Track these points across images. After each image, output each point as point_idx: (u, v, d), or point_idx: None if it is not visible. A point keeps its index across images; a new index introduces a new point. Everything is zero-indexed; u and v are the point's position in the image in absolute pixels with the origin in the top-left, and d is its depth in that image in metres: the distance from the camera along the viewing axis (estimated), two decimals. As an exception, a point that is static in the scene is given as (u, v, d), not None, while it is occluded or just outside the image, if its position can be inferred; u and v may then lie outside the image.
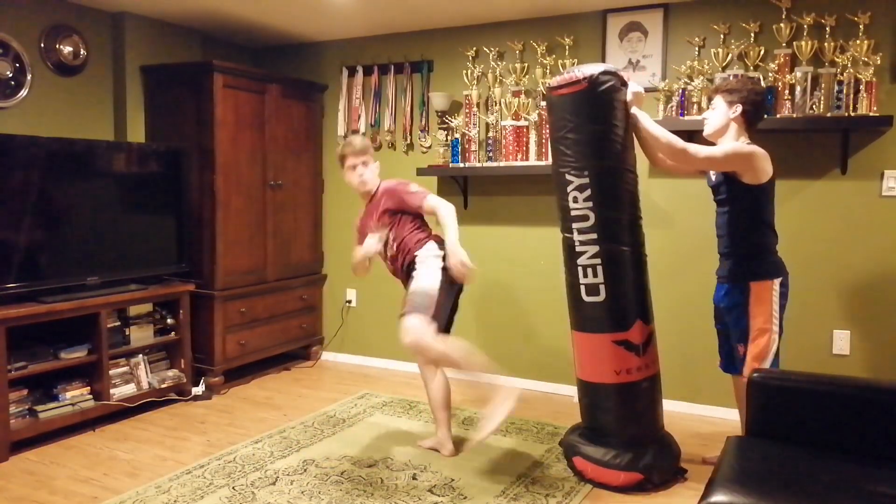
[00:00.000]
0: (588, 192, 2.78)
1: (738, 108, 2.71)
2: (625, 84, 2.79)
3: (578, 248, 2.84)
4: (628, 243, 2.83)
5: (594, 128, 2.76)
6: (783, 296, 2.70)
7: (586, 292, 2.84)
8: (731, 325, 2.76)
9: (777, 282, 2.68)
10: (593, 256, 2.81)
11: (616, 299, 2.82)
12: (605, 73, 2.73)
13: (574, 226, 2.84)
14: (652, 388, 2.90)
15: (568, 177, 2.82)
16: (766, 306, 2.66)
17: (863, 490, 1.87)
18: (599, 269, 2.81)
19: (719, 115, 2.76)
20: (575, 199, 2.81)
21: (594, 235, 2.80)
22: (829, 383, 2.29)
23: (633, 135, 2.86)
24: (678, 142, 2.69)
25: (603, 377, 2.85)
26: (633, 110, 2.79)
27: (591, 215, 2.79)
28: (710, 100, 2.89)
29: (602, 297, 2.81)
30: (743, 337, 2.71)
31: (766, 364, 2.67)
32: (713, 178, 2.82)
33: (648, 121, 2.77)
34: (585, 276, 2.83)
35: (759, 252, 2.72)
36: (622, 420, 2.87)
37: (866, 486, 1.89)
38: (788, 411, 2.25)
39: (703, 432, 3.49)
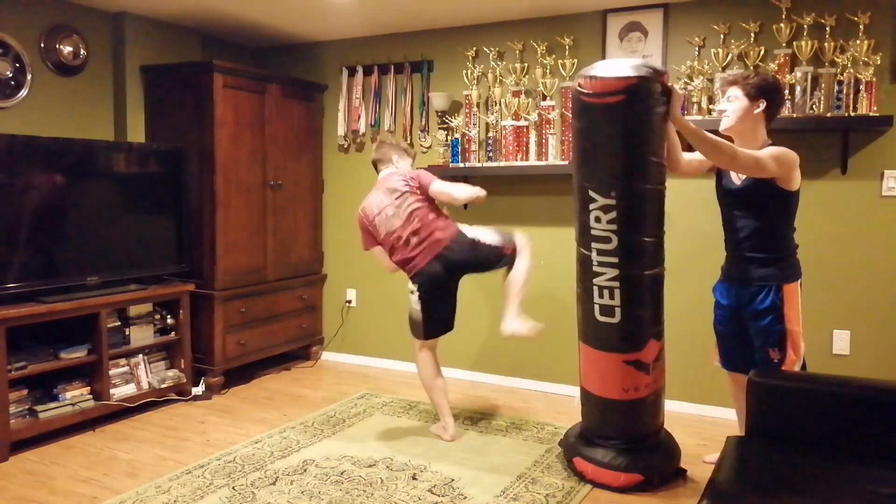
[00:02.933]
0: (613, 215, 2.60)
1: (762, 104, 2.57)
2: (666, 89, 2.54)
3: (596, 268, 2.69)
4: (650, 267, 2.69)
5: (629, 145, 2.54)
6: (801, 295, 2.67)
7: (600, 312, 2.72)
8: (762, 328, 2.63)
9: (799, 283, 2.65)
10: (612, 279, 2.65)
11: (631, 322, 2.70)
12: (646, 81, 2.46)
13: (594, 245, 2.68)
14: (657, 399, 2.86)
15: (591, 193, 2.63)
16: (795, 308, 2.62)
17: (863, 490, 1.87)
18: (617, 292, 2.65)
19: (741, 108, 2.58)
20: (597, 220, 2.63)
21: (615, 259, 2.64)
22: (829, 383, 2.29)
23: (668, 135, 2.71)
24: (727, 145, 2.50)
25: (610, 393, 2.79)
26: (677, 113, 2.60)
27: (614, 238, 2.62)
28: (724, 90, 2.69)
29: (617, 319, 2.69)
30: (778, 342, 2.61)
31: (800, 363, 2.64)
32: (739, 181, 2.66)
33: (693, 125, 2.56)
34: (601, 296, 2.70)
35: (788, 255, 2.65)
36: (625, 430, 2.84)
37: (866, 486, 1.89)
38: (788, 411, 2.25)
39: (704, 432, 3.49)
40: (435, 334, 3.35)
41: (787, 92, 3.40)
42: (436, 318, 3.31)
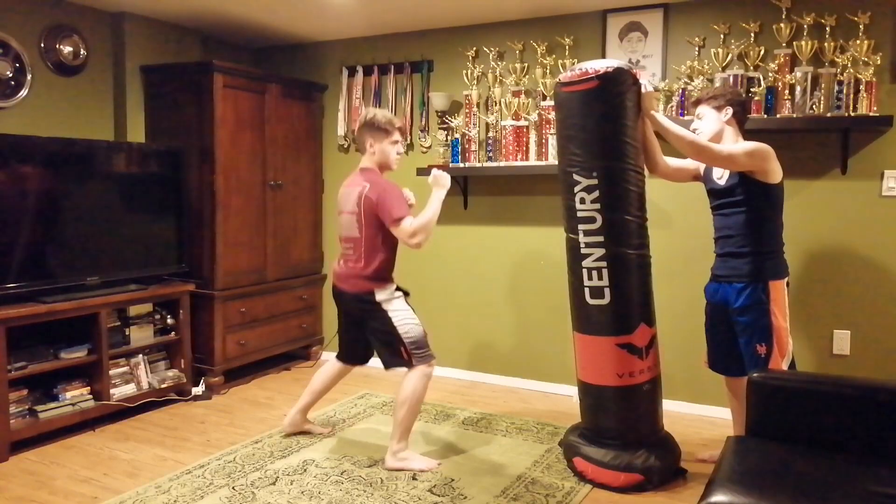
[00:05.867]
0: (596, 194, 2.74)
1: (729, 111, 2.74)
2: (637, 82, 2.75)
3: (584, 250, 2.81)
4: (635, 246, 2.80)
5: (605, 127, 2.72)
6: (788, 294, 2.74)
7: (590, 295, 2.82)
8: (747, 323, 2.69)
9: (785, 280, 2.72)
10: (599, 259, 2.78)
11: (621, 303, 2.79)
12: (618, 70, 2.68)
13: (580, 227, 2.80)
14: (653, 390, 2.89)
15: (576, 177, 2.78)
16: (781, 304, 2.68)
17: (863, 490, 1.87)
18: (605, 272, 2.77)
19: (711, 121, 2.77)
20: (582, 201, 2.78)
21: (600, 238, 2.77)
22: (829, 383, 2.29)
23: (644, 135, 2.83)
24: (701, 140, 2.67)
25: (605, 380, 2.84)
26: (651, 111, 2.76)
27: (598, 217, 2.76)
28: (691, 111, 2.91)
29: (607, 300, 2.79)
30: (764, 336, 2.66)
31: (788, 360, 2.69)
32: (723, 181, 2.77)
33: (669, 121, 2.74)
34: (590, 278, 2.80)
35: (774, 252, 2.72)
36: (623, 421, 2.86)
37: (866, 486, 1.89)
38: (788, 411, 2.25)
39: (703, 432, 3.49)
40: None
41: (786, 92, 3.40)
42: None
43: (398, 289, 3.07)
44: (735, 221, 2.74)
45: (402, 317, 3.00)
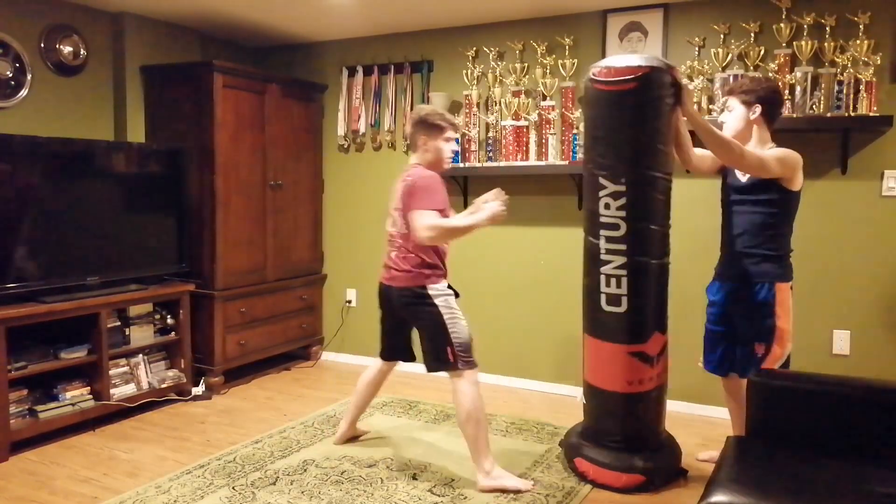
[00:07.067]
0: (622, 201, 2.65)
1: (758, 109, 2.63)
2: (676, 82, 2.63)
3: (604, 256, 2.73)
4: (657, 255, 2.74)
5: (639, 132, 2.60)
6: (792, 297, 2.70)
7: (607, 301, 2.75)
8: (752, 323, 2.66)
9: (790, 285, 2.68)
10: (619, 267, 2.70)
11: (637, 312, 2.73)
12: (657, 70, 2.56)
13: (602, 232, 2.72)
14: (660, 395, 2.87)
15: (602, 181, 2.69)
16: (787, 308, 2.64)
17: (863, 490, 1.87)
18: (624, 280, 2.70)
19: (738, 117, 2.67)
20: (607, 206, 2.69)
21: (623, 246, 2.69)
22: (829, 383, 2.29)
23: (678, 131, 2.73)
24: (736, 144, 2.53)
25: (613, 386, 2.80)
26: (690, 109, 2.64)
27: (623, 225, 2.68)
28: (723, 103, 2.78)
29: (623, 308, 2.72)
30: (765, 337, 2.63)
31: (782, 362, 2.67)
32: (745, 178, 2.69)
33: (706, 121, 2.62)
34: (608, 285, 2.74)
35: (783, 255, 2.68)
36: (628, 427, 2.84)
37: (866, 486, 1.89)
38: (788, 411, 2.25)
39: (704, 432, 3.49)
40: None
41: (786, 92, 3.40)
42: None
43: (449, 287, 2.93)
44: (749, 221, 2.68)
45: (454, 315, 2.84)
